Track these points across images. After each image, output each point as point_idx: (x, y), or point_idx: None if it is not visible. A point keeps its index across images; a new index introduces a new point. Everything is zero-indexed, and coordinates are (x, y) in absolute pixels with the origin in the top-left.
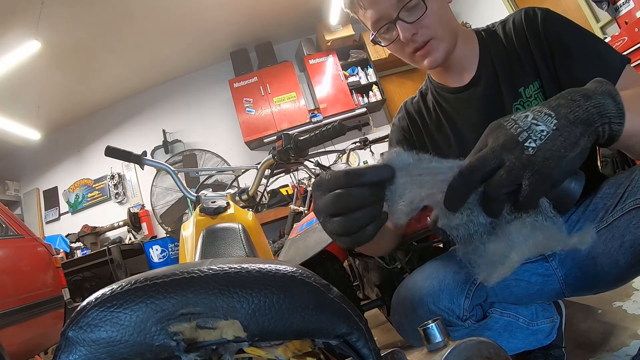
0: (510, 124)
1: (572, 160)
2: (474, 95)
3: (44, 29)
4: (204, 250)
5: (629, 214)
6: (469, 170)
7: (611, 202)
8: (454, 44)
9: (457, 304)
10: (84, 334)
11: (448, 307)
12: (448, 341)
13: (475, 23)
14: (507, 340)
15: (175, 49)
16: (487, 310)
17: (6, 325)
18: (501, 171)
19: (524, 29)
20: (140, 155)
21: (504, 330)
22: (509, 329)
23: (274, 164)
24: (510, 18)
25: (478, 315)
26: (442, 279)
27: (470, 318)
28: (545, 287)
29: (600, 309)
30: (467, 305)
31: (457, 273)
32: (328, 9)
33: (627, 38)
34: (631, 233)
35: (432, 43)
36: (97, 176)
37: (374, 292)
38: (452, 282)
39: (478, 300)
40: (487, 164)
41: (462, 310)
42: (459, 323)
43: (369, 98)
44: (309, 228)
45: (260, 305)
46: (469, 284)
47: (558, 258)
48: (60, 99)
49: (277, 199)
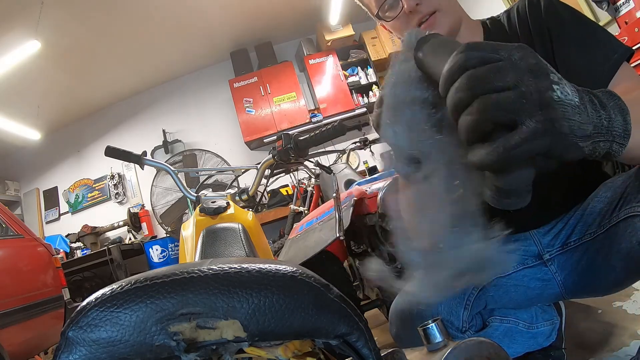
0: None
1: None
2: None
3: (44, 29)
4: (204, 250)
5: (625, 221)
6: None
7: (607, 207)
8: (459, 24)
9: (456, 316)
10: (84, 334)
11: (447, 319)
12: (448, 341)
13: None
14: (507, 346)
15: (175, 49)
16: (486, 320)
17: (6, 325)
18: (508, 92)
19: (527, 16)
20: (140, 155)
21: (504, 336)
22: (509, 334)
23: (274, 164)
24: (514, 7)
25: (477, 325)
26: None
27: (470, 329)
28: (544, 292)
29: (600, 309)
30: (466, 316)
31: None
32: (328, 9)
33: (627, 38)
34: (627, 241)
35: (436, 15)
36: (97, 176)
37: (374, 292)
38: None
39: (477, 309)
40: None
41: (461, 321)
42: (458, 335)
43: (369, 98)
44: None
45: (260, 305)
46: (468, 294)
47: (557, 262)
48: (60, 99)
49: (277, 199)
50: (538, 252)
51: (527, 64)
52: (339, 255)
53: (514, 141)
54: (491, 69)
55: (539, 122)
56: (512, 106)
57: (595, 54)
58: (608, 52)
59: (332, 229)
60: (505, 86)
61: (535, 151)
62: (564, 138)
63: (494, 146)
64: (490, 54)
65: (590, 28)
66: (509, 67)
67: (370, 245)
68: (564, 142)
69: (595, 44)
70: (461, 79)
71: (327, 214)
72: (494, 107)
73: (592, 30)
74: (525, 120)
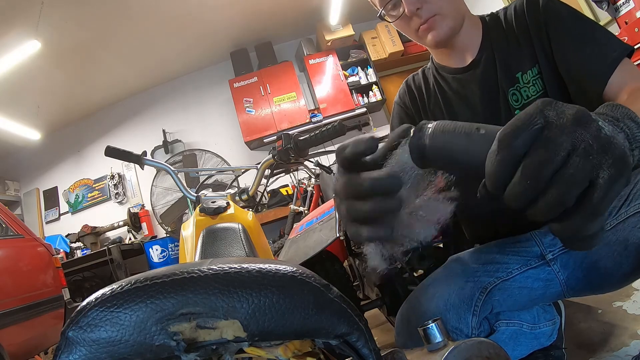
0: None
1: (630, 165)
2: (471, 77)
3: (44, 29)
4: (204, 250)
5: (634, 217)
6: (510, 134)
7: (615, 204)
8: (460, 24)
9: (465, 323)
10: (84, 334)
11: (456, 327)
12: (448, 341)
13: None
14: (512, 349)
15: (175, 49)
16: (493, 324)
17: (6, 325)
18: (575, 157)
19: (524, 14)
20: (140, 155)
21: (510, 339)
22: (514, 337)
23: (274, 164)
24: (512, 4)
25: (485, 331)
26: (447, 297)
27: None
28: (547, 291)
29: (600, 309)
30: (474, 322)
31: (462, 289)
32: (328, 9)
33: (627, 38)
34: (635, 237)
35: (435, 18)
36: (97, 176)
37: (374, 292)
38: (458, 300)
39: (484, 313)
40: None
41: (470, 328)
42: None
43: (369, 98)
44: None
45: (260, 305)
46: (475, 299)
47: (560, 261)
48: (60, 99)
49: (277, 199)
50: (540, 252)
51: (567, 114)
52: (339, 255)
53: (600, 200)
54: (544, 146)
55: (612, 167)
56: (585, 171)
57: (593, 52)
58: (606, 50)
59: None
60: (566, 154)
61: (618, 189)
62: (630, 164)
63: (585, 215)
64: (528, 130)
65: (589, 26)
66: (556, 131)
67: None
68: (629, 168)
69: (593, 41)
70: (521, 172)
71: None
72: (570, 182)
73: (591, 29)
74: (599, 172)
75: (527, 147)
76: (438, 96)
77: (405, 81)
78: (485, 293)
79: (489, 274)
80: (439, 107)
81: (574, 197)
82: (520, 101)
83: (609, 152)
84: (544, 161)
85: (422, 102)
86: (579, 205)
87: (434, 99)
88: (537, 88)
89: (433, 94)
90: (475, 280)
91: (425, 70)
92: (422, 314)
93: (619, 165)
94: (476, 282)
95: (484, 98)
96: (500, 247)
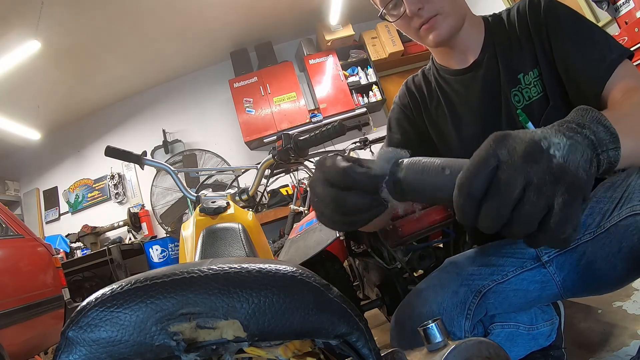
0: (521, 134)
1: (592, 177)
2: (473, 78)
3: (44, 29)
4: (204, 250)
5: (626, 220)
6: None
7: (607, 206)
8: (461, 24)
9: (458, 327)
10: (84, 334)
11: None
12: (448, 341)
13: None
14: (509, 350)
15: (175, 49)
16: (488, 327)
17: (6, 325)
18: (529, 193)
19: (526, 16)
20: (140, 155)
21: (506, 340)
22: (511, 338)
23: (274, 164)
24: (515, 5)
25: (480, 334)
26: (440, 302)
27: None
28: (543, 293)
29: (600, 309)
30: (468, 326)
31: (456, 293)
32: (328, 9)
33: (627, 38)
34: (629, 239)
35: (437, 18)
36: (97, 176)
37: (374, 292)
38: (451, 304)
39: (478, 316)
40: (485, 165)
41: (463, 332)
42: None
43: (369, 98)
44: (309, 228)
45: (260, 305)
46: (468, 303)
47: (555, 263)
48: (60, 99)
49: (277, 199)
50: (536, 254)
51: (518, 151)
52: (339, 255)
53: (559, 223)
54: (498, 190)
55: (565, 193)
56: (540, 205)
57: (592, 54)
58: (605, 52)
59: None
60: (521, 191)
61: (578, 211)
62: (587, 183)
63: (548, 236)
64: (484, 174)
65: (589, 29)
66: (509, 172)
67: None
68: (590, 184)
69: (592, 44)
70: (483, 213)
71: None
72: (527, 216)
73: (590, 31)
74: (554, 200)
75: (484, 191)
76: (440, 98)
77: (404, 82)
78: (479, 297)
79: (483, 277)
80: (442, 109)
81: (536, 224)
82: (522, 102)
83: (561, 181)
84: (500, 205)
85: (423, 103)
86: (541, 228)
87: (436, 101)
88: (537, 89)
89: (435, 96)
90: (469, 284)
91: (425, 71)
92: (416, 318)
93: (572, 190)
94: (470, 285)
95: (485, 98)
96: (497, 249)
